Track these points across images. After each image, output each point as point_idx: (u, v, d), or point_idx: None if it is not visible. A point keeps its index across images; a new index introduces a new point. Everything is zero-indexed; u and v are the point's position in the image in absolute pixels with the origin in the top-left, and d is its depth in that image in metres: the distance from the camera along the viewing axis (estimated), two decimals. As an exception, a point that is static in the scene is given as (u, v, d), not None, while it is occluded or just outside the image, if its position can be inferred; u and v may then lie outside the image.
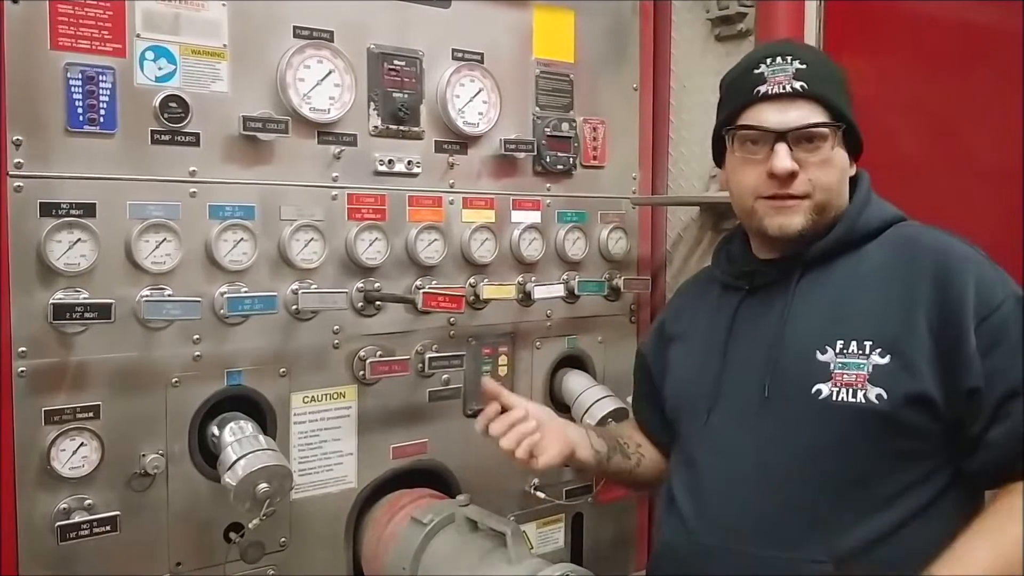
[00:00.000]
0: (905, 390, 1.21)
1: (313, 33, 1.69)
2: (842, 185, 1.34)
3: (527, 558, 1.55)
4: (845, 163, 1.34)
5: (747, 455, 1.31)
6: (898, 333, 1.24)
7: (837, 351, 1.26)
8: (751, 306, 1.39)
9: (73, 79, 1.45)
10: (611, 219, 2.17)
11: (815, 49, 1.42)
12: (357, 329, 1.79)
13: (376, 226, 1.78)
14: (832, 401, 1.24)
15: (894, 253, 1.31)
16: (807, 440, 1.26)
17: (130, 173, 1.52)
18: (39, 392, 1.45)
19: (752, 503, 1.29)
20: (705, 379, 1.40)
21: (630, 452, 1.60)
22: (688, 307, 1.57)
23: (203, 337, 1.60)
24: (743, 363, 1.36)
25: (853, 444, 1.24)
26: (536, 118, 2.03)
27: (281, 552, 1.71)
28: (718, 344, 1.40)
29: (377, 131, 1.79)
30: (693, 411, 1.42)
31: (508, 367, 2.03)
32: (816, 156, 1.30)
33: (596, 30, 2.13)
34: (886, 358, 1.23)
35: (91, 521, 1.46)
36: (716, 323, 1.43)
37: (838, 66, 1.37)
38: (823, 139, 1.30)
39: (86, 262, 1.46)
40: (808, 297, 1.33)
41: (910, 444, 1.23)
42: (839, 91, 1.33)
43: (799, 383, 1.27)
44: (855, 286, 1.31)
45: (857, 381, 1.23)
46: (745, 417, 1.33)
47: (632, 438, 1.65)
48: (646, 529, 2.32)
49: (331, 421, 1.77)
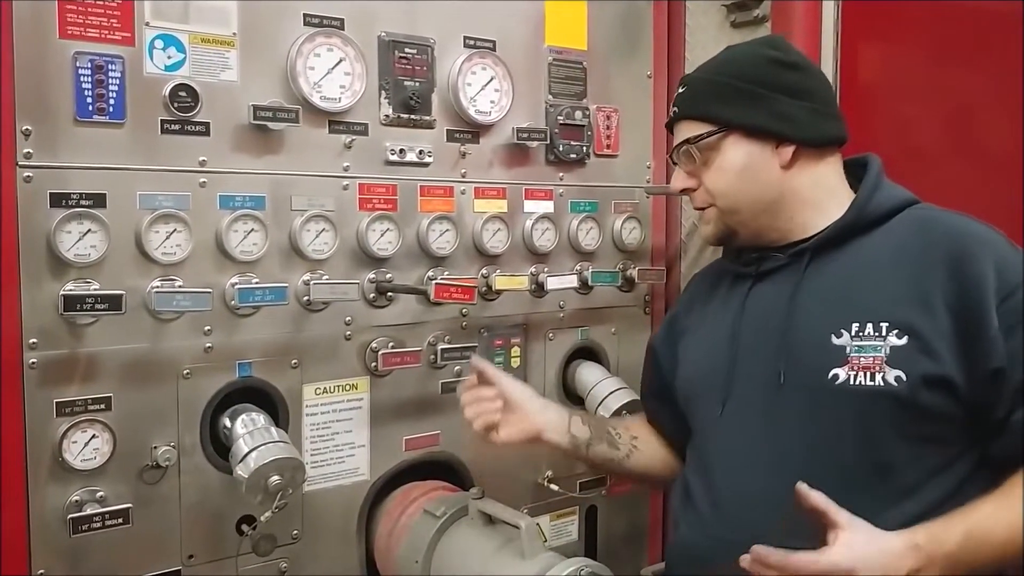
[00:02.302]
0: (924, 372, 1.19)
1: (323, 21, 1.67)
2: (747, 183, 1.36)
3: (541, 552, 1.53)
4: (743, 162, 1.35)
5: (763, 445, 1.30)
6: (915, 314, 1.22)
7: (853, 334, 1.24)
8: (761, 292, 1.38)
9: (82, 68, 1.44)
10: (625, 209, 2.14)
11: (718, 60, 1.44)
12: (369, 320, 1.78)
13: (387, 216, 1.76)
14: (850, 386, 1.22)
15: (909, 234, 1.30)
16: (826, 427, 1.24)
17: (140, 163, 1.51)
18: (50, 384, 1.45)
19: (770, 495, 1.25)
20: (718, 369, 1.39)
21: (620, 443, 1.60)
22: (699, 299, 1.55)
23: (214, 328, 1.59)
24: (756, 351, 1.34)
25: (873, 430, 1.22)
26: (548, 106, 2.01)
27: (293, 545, 1.71)
28: (729, 333, 1.39)
29: (388, 120, 1.77)
30: (707, 402, 1.41)
31: (520, 359, 2.01)
32: (706, 167, 1.38)
33: (609, 17, 2.11)
34: (903, 339, 1.21)
35: (103, 513, 1.46)
36: (726, 313, 1.42)
37: (750, 58, 1.39)
38: (709, 149, 1.37)
39: (96, 253, 1.45)
40: (819, 281, 1.32)
41: (931, 428, 1.21)
42: (724, 97, 1.36)
43: (815, 368, 1.25)
44: (869, 268, 1.29)
45: (874, 364, 1.21)
46: (760, 406, 1.31)
47: (629, 430, 1.64)
48: (660, 522, 2.30)
49: (343, 413, 1.76)
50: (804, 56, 1.44)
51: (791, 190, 1.35)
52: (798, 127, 1.33)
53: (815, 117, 1.35)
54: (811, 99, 1.35)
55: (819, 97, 1.37)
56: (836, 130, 1.39)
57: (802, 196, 1.36)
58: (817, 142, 1.36)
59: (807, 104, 1.35)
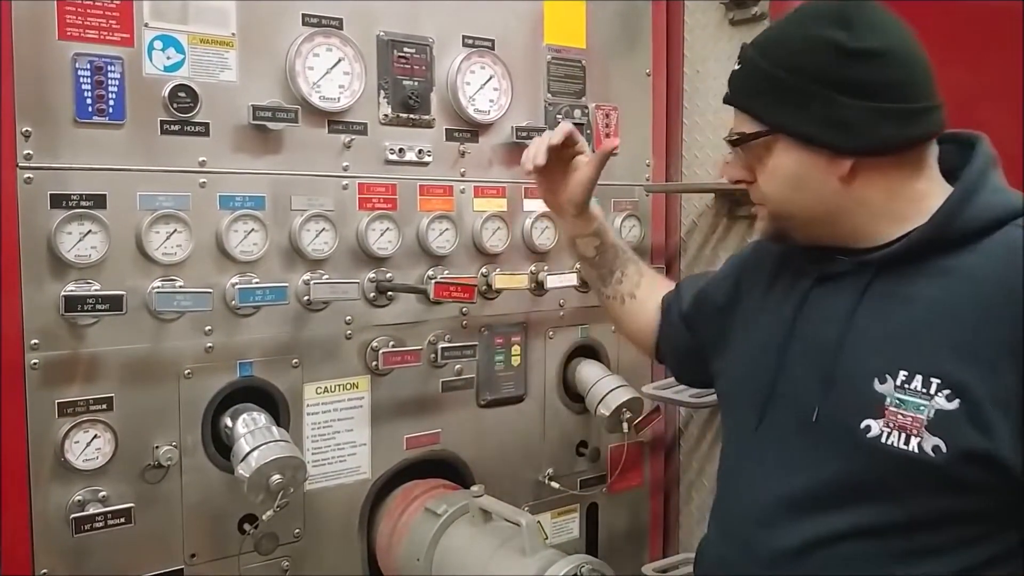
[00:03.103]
0: (969, 446, 1.00)
1: (322, 21, 1.67)
2: (799, 192, 1.13)
3: (542, 549, 1.54)
4: (793, 171, 1.12)
5: (788, 476, 1.15)
6: (974, 373, 1.00)
7: (897, 383, 1.04)
8: (819, 299, 1.18)
9: (81, 69, 1.44)
10: (624, 207, 2.15)
11: (778, 31, 1.16)
12: (369, 319, 1.78)
13: (387, 216, 1.76)
14: (880, 443, 1.05)
15: (995, 264, 1.04)
16: (846, 478, 1.09)
17: (139, 164, 1.51)
18: (52, 384, 1.45)
19: (782, 533, 1.14)
20: (760, 378, 1.22)
21: (615, 269, 1.55)
22: (762, 280, 1.31)
23: (215, 328, 1.59)
24: (799, 371, 1.17)
25: (899, 491, 1.06)
26: (548, 105, 2.01)
27: (295, 543, 1.71)
28: (778, 339, 1.21)
29: (387, 119, 1.78)
30: (743, 411, 1.26)
31: (521, 357, 2.01)
32: (759, 164, 1.16)
33: (607, 15, 2.11)
34: (953, 403, 1.00)
35: (105, 513, 1.46)
36: (781, 312, 1.23)
37: (808, 43, 1.09)
38: (762, 148, 1.14)
39: (97, 254, 1.45)
40: (880, 304, 1.10)
41: (968, 501, 1.04)
42: (772, 92, 1.11)
43: (849, 413, 1.08)
44: (934, 302, 1.06)
45: (913, 425, 1.03)
46: (794, 436, 1.16)
47: (631, 279, 1.55)
48: (660, 520, 2.31)
49: (344, 412, 1.77)
50: (886, 31, 1.09)
51: (855, 201, 1.11)
52: (857, 136, 1.07)
53: (884, 120, 1.07)
54: (881, 96, 1.06)
55: (894, 91, 1.07)
56: (917, 129, 1.09)
57: (871, 207, 1.12)
58: (886, 149, 1.09)
59: (874, 104, 1.06)
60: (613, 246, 1.55)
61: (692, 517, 2.26)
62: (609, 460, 2.17)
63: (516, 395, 2.01)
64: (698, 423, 2.24)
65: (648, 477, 2.28)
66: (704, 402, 2.00)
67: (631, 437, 2.06)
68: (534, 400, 2.04)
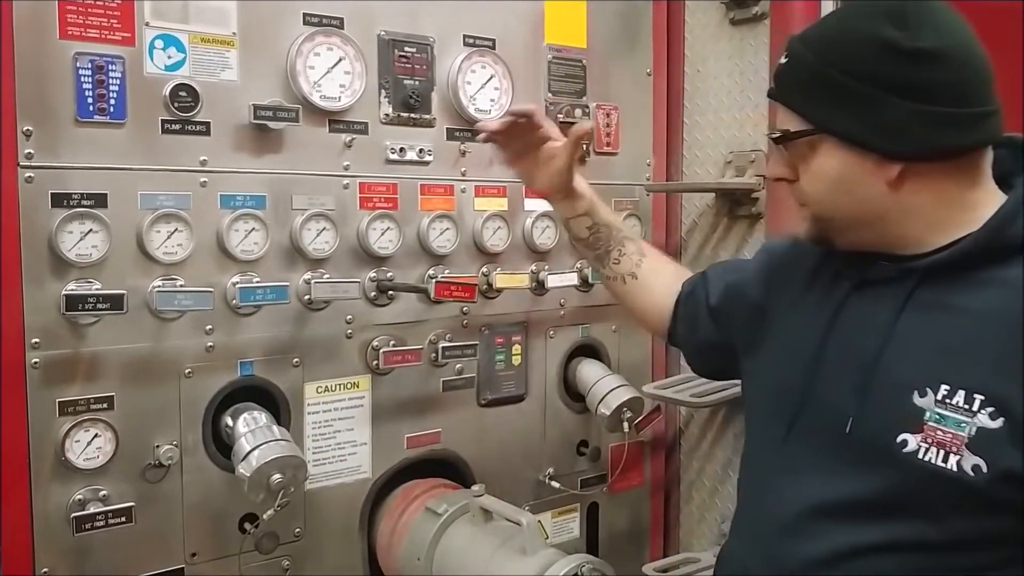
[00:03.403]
0: (1010, 467, 0.96)
1: (323, 20, 1.68)
2: (843, 196, 1.08)
3: (542, 548, 1.54)
4: (837, 173, 1.07)
5: (816, 489, 1.12)
6: (1022, 393, 0.96)
7: (938, 398, 1.00)
8: (857, 306, 1.13)
9: (82, 68, 1.44)
10: (625, 206, 2.15)
11: (830, 25, 1.11)
12: (370, 319, 1.78)
13: (388, 215, 1.76)
14: (917, 459, 1.01)
15: None
16: (878, 492, 1.06)
17: (140, 163, 1.51)
18: (53, 383, 1.45)
19: (810, 543, 1.11)
20: (791, 384, 1.17)
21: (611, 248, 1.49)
22: (797, 281, 1.26)
23: (215, 327, 1.59)
24: (834, 380, 1.12)
25: (933, 508, 1.02)
26: (548, 104, 2.01)
27: (296, 542, 1.71)
28: (812, 345, 1.16)
29: (388, 119, 1.78)
30: (771, 417, 1.21)
31: (521, 356, 2.01)
32: (803, 163, 1.11)
33: (608, 15, 2.11)
34: (997, 421, 0.96)
35: (106, 512, 1.46)
36: (817, 315, 1.18)
37: (861, 41, 1.04)
38: (806, 147, 1.09)
39: (98, 253, 1.45)
40: (924, 315, 1.06)
41: (1006, 523, 1.01)
42: (820, 90, 1.06)
43: (885, 426, 1.04)
44: (983, 316, 1.01)
45: (952, 443, 0.98)
46: (825, 447, 1.12)
47: (630, 258, 1.49)
48: (661, 520, 2.31)
49: (345, 411, 1.77)
50: (945, 30, 1.03)
51: (901, 208, 1.06)
52: (907, 140, 1.02)
53: (937, 124, 1.01)
54: (936, 99, 1.01)
55: (950, 94, 1.01)
56: (972, 135, 1.03)
57: (918, 214, 1.06)
58: (938, 155, 1.03)
59: (928, 107, 1.00)
60: (607, 225, 1.50)
61: (692, 517, 2.26)
62: (610, 460, 2.17)
63: (517, 394, 2.01)
64: (699, 423, 2.24)
65: (648, 477, 2.28)
66: (705, 402, 2.00)
67: (632, 437, 2.06)
68: (535, 399, 2.04)
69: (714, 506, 2.18)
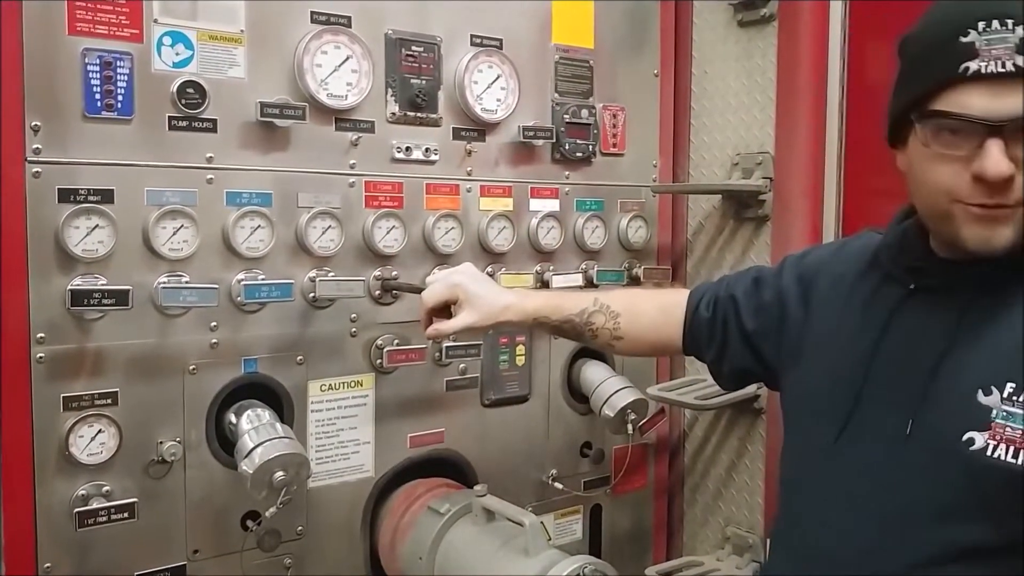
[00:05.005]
0: None
1: (330, 18, 1.68)
2: None
3: (545, 550, 1.53)
4: None
5: (868, 499, 1.09)
6: None
7: (1005, 395, 0.98)
8: (913, 311, 1.10)
9: (91, 64, 1.44)
10: (631, 207, 2.14)
11: None
12: (374, 317, 1.78)
13: (393, 214, 1.76)
14: (985, 457, 0.98)
15: None
16: (944, 497, 1.02)
17: (147, 159, 1.51)
18: (57, 378, 1.46)
19: (884, 556, 1.07)
20: (840, 388, 1.14)
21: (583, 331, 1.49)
22: (836, 300, 1.23)
23: (220, 324, 1.59)
24: (889, 383, 1.10)
25: (1000, 512, 1.00)
26: (555, 105, 2.01)
27: (298, 541, 1.71)
28: (863, 348, 1.13)
29: (394, 118, 1.78)
30: (817, 422, 1.17)
31: (526, 357, 2.01)
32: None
33: (615, 15, 2.11)
34: None
35: (109, 508, 1.46)
36: (866, 320, 1.14)
37: None
38: None
39: (104, 248, 1.45)
40: (987, 318, 1.03)
41: None
42: None
43: (950, 425, 1.02)
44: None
45: (1022, 439, 0.97)
46: (876, 453, 1.09)
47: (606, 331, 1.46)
48: (664, 522, 2.30)
49: (348, 409, 1.77)
50: None
51: None
52: None
53: None
54: None
55: None
56: None
57: None
58: None
59: None
60: (567, 320, 1.48)
61: (696, 520, 2.25)
62: (613, 461, 2.16)
63: (520, 395, 2.01)
64: (703, 425, 2.23)
65: (652, 479, 2.27)
66: (709, 404, 1.99)
67: (635, 438, 2.06)
68: (538, 400, 2.04)
69: (718, 509, 2.18)
